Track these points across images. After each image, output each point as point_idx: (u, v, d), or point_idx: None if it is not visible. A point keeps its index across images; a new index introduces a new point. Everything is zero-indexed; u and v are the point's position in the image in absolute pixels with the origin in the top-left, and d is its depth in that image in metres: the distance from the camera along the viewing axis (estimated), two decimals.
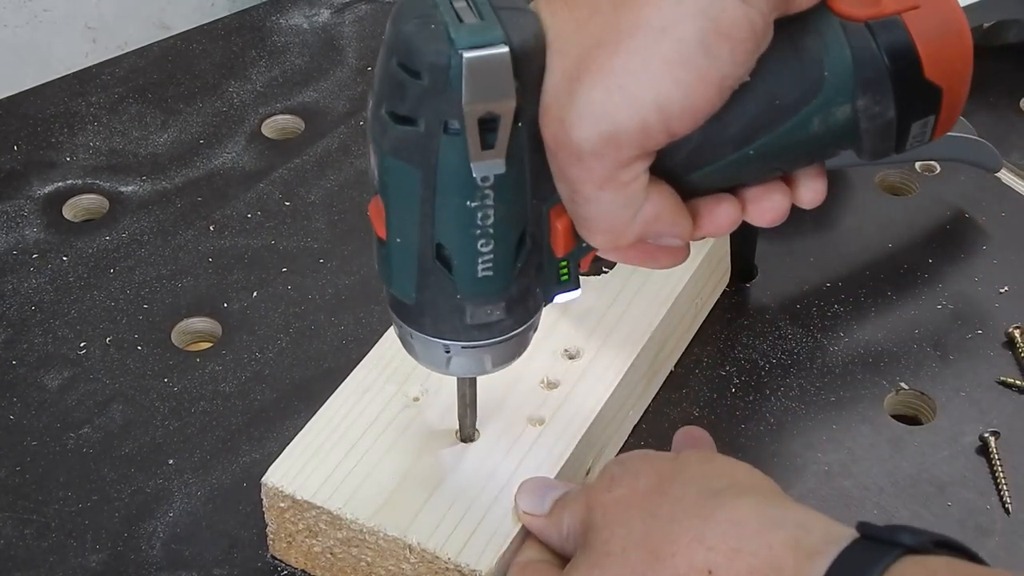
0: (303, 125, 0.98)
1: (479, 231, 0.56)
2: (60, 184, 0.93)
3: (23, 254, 0.88)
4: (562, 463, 0.68)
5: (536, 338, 0.74)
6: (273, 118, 0.98)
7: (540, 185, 0.57)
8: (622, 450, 0.76)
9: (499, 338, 0.60)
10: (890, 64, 0.54)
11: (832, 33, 0.55)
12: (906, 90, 0.55)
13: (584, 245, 0.59)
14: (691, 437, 0.69)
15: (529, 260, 0.59)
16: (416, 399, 0.71)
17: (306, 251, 0.88)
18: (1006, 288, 0.85)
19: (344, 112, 0.99)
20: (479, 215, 0.56)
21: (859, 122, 0.56)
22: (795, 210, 0.91)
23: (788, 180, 0.59)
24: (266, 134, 0.97)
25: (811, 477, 0.74)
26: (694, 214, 0.58)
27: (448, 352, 0.61)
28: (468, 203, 0.55)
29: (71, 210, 0.91)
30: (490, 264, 0.57)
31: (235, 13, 1.08)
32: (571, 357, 0.74)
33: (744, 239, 0.84)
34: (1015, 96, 1.00)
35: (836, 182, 0.92)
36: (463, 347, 0.60)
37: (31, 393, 0.79)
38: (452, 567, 0.64)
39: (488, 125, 0.54)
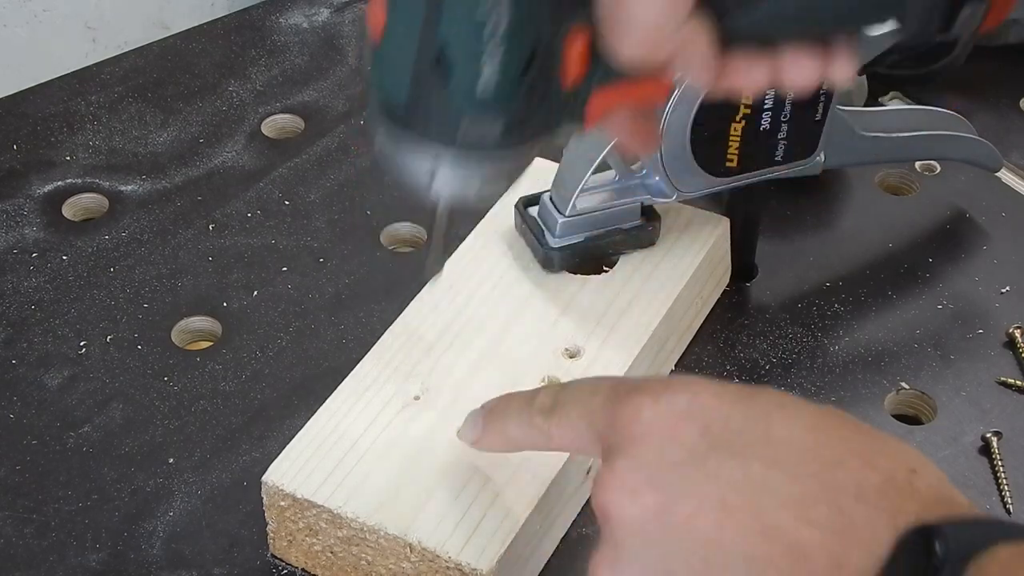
0: (303, 125, 0.98)
1: (487, 39, 0.52)
2: (60, 183, 0.93)
3: (23, 253, 0.88)
4: (563, 461, 0.68)
5: (536, 338, 0.74)
6: (273, 117, 0.98)
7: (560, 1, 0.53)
8: None
9: (492, 153, 0.56)
10: None
11: None
12: None
13: (595, 78, 0.55)
14: None
15: (535, 83, 0.54)
16: (416, 398, 0.71)
17: (306, 250, 0.88)
18: (1007, 288, 0.85)
19: (344, 112, 0.99)
20: (491, 20, 0.51)
21: None
22: (795, 210, 0.91)
23: (823, 49, 0.57)
24: (266, 133, 0.97)
25: None
26: (727, 65, 0.56)
27: (436, 161, 0.56)
28: (480, 3, 0.51)
29: (71, 209, 0.91)
30: (495, 79, 0.53)
31: (235, 12, 1.08)
32: (572, 356, 0.74)
33: (744, 238, 0.84)
34: (1015, 96, 1.00)
35: (836, 182, 0.93)
36: (453, 158, 0.55)
37: (31, 392, 0.79)
38: (453, 566, 0.64)
39: None
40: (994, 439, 0.75)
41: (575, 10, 0.53)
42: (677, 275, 0.78)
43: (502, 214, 0.82)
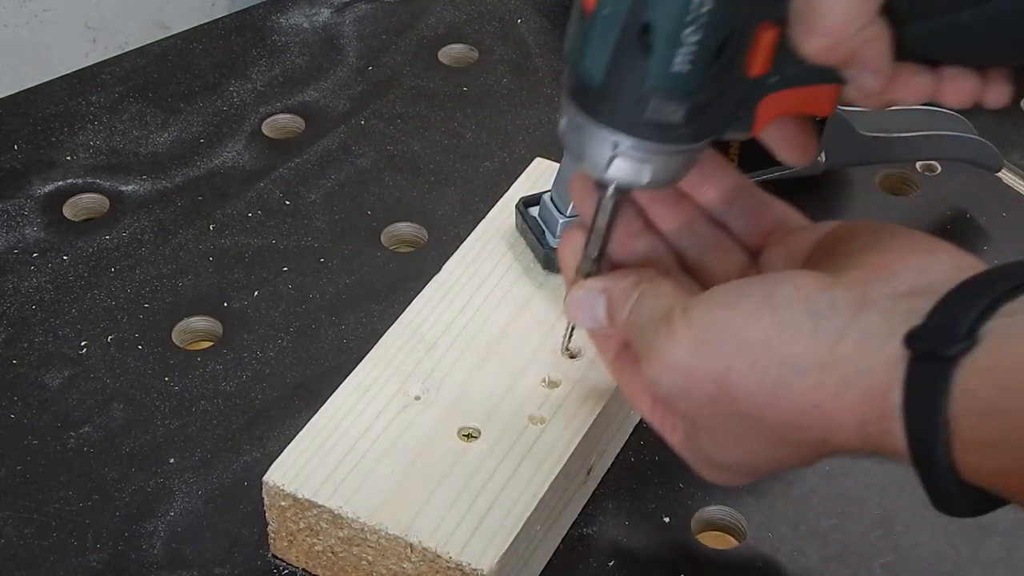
0: (303, 124, 0.98)
1: (691, 17, 0.55)
2: (60, 183, 0.93)
3: (23, 253, 0.88)
4: (563, 462, 0.68)
5: (537, 337, 0.74)
6: (273, 117, 0.98)
7: None
8: (623, 450, 0.76)
9: (669, 145, 0.59)
10: None
11: None
12: None
13: (774, 79, 0.58)
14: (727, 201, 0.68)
15: (723, 71, 0.57)
16: (417, 398, 0.71)
17: (307, 250, 0.88)
18: None
19: (344, 112, 0.99)
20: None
21: None
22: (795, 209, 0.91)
23: (980, 73, 0.59)
24: (266, 133, 0.97)
25: (812, 476, 0.74)
26: (894, 76, 0.57)
27: (615, 148, 0.59)
28: None
29: (71, 209, 0.91)
30: (690, 58, 0.56)
31: (235, 13, 1.08)
32: (572, 356, 0.74)
33: None
34: (1015, 96, 1.00)
35: (836, 182, 0.93)
36: (632, 146, 0.59)
37: (32, 392, 0.79)
38: (454, 566, 0.64)
39: None
40: None
41: (768, 6, 0.56)
42: None
43: (502, 214, 0.82)
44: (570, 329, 0.71)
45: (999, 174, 0.92)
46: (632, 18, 0.56)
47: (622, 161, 0.59)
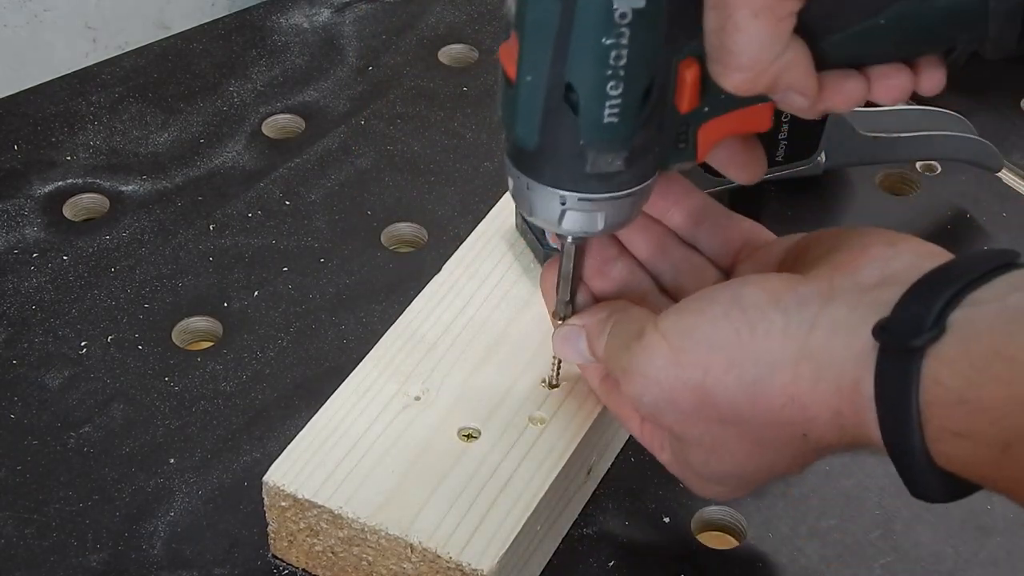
0: (303, 125, 0.98)
1: (610, 72, 0.56)
2: (60, 183, 0.93)
3: (23, 253, 0.88)
4: (563, 462, 0.68)
5: (537, 337, 0.74)
6: (273, 117, 0.98)
7: (675, 30, 0.57)
8: (623, 450, 0.76)
9: (616, 193, 0.60)
10: None
11: None
12: None
13: (706, 109, 0.59)
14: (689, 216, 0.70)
15: (653, 113, 0.58)
16: (417, 398, 0.71)
17: (307, 250, 0.88)
18: None
19: (344, 112, 0.99)
20: (612, 54, 0.56)
21: (988, 1, 0.55)
22: (796, 210, 0.91)
23: (911, 65, 0.59)
24: (266, 133, 0.97)
25: (812, 476, 0.74)
26: (822, 86, 0.58)
27: (563, 204, 0.60)
28: (603, 40, 0.55)
29: (71, 209, 0.91)
30: (617, 110, 0.57)
31: (235, 13, 1.08)
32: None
33: None
34: (1015, 96, 1.00)
35: (836, 182, 0.93)
36: (579, 199, 0.60)
37: (32, 392, 0.79)
38: (454, 566, 0.64)
39: None
40: None
41: (686, 42, 0.57)
42: None
43: (502, 214, 0.82)
44: (557, 362, 0.71)
45: (999, 174, 0.92)
46: (554, 82, 0.57)
47: (573, 214, 0.61)
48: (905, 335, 0.52)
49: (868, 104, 0.61)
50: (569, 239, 0.65)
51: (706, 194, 0.69)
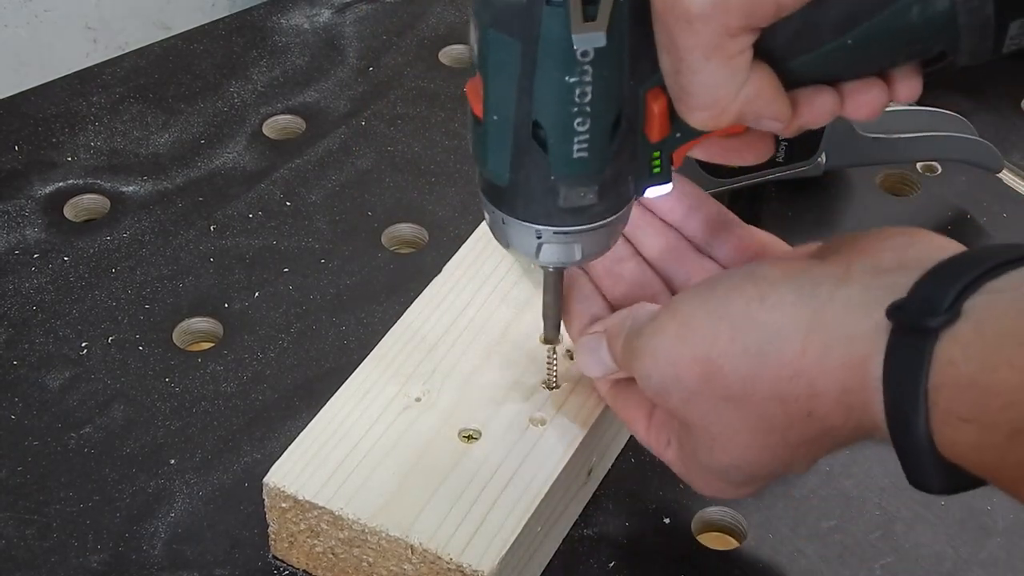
0: (304, 125, 0.98)
1: (576, 109, 0.56)
2: (61, 184, 0.93)
3: (24, 254, 0.88)
4: (564, 463, 0.68)
5: (537, 338, 0.74)
6: (274, 118, 0.98)
7: (639, 64, 0.57)
8: (623, 452, 0.76)
9: (591, 225, 0.60)
10: None
11: None
12: None
13: (678, 135, 0.59)
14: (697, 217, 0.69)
15: (623, 144, 0.59)
16: (418, 399, 0.71)
17: (307, 251, 0.88)
18: None
19: (344, 112, 0.99)
20: (577, 91, 0.56)
21: (957, 16, 0.55)
22: (796, 211, 0.91)
23: (885, 78, 0.59)
24: (267, 134, 0.97)
25: (812, 477, 0.74)
26: (794, 104, 0.58)
27: (539, 238, 0.61)
28: (567, 78, 0.55)
29: (72, 210, 0.91)
30: (585, 144, 0.57)
31: (236, 13, 1.08)
32: (573, 357, 0.74)
33: None
34: (1015, 96, 1.00)
35: (836, 182, 0.93)
36: (555, 232, 0.60)
37: (32, 393, 0.79)
38: (454, 567, 0.64)
39: None
40: None
41: (651, 74, 0.57)
42: None
43: None
44: (553, 364, 0.71)
45: (999, 174, 0.92)
46: (521, 120, 0.57)
47: (550, 247, 0.61)
48: (920, 315, 0.52)
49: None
50: (549, 269, 0.65)
51: (721, 204, 0.69)
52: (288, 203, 0.92)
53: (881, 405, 0.53)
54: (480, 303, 0.76)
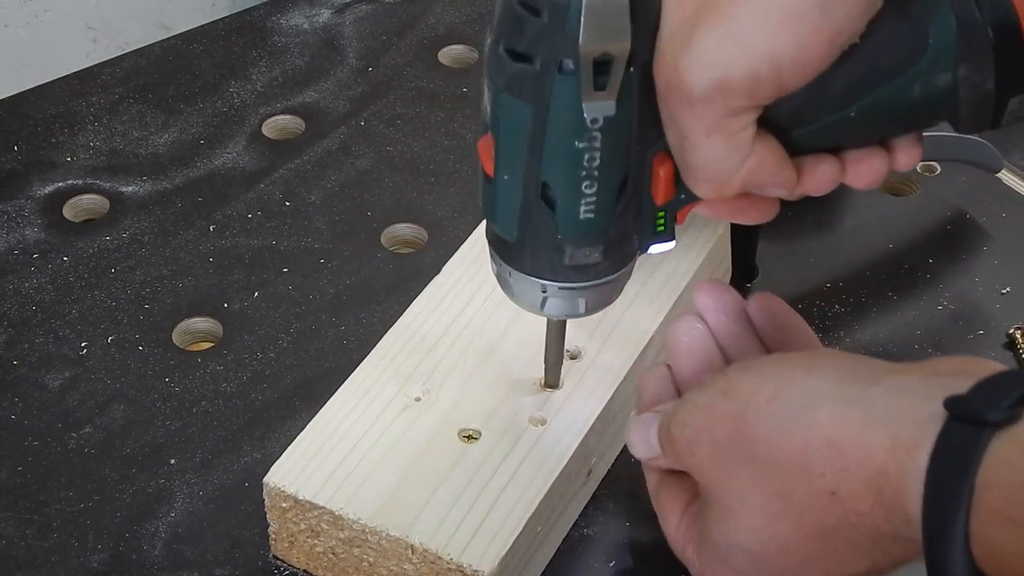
0: (303, 125, 0.98)
1: (584, 172, 0.58)
2: (61, 184, 0.93)
3: (24, 254, 0.88)
4: (564, 463, 0.68)
5: (537, 339, 0.74)
6: (273, 118, 0.98)
7: (646, 131, 0.58)
8: (623, 452, 0.76)
9: (595, 281, 0.62)
10: (993, 36, 0.55)
11: (939, 0, 0.56)
12: (1007, 63, 0.55)
13: (683, 196, 0.61)
14: (768, 312, 0.67)
15: (629, 205, 0.60)
16: (417, 399, 0.71)
17: (307, 251, 0.88)
18: (1007, 289, 0.85)
19: (344, 112, 0.99)
20: (585, 156, 0.57)
21: (959, 90, 0.56)
22: (796, 211, 0.91)
23: (886, 145, 0.59)
24: (266, 134, 0.97)
25: None
26: (797, 170, 0.59)
27: (545, 292, 0.62)
28: (576, 143, 0.57)
29: (72, 210, 0.91)
30: (592, 206, 0.59)
31: (235, 13, 1.08)
32: (572, 357, 0.74)
33: (745, 239, 0.84)
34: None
35: None
36: (560, 288, 0.62)
37: (32, 393, 0.79)
38: (454, 567, 0.64)
39: (602, 68, 0.55)
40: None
41: (657, 139, 0.59)
42: (678, 276, 0.78)
43: None
44: (550, 365, 0.72)
45: (999, 174, 0.92)
46: (530, 180, 0.59)
47: (555, 301, 0.63)
48: (979, 409, 0.50)
49: None
50: (553, 319, 0.67)
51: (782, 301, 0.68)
52: (288, 203, 0.92)
53: (919, 496, 0.50)
54: (480, 303, 0.76)
